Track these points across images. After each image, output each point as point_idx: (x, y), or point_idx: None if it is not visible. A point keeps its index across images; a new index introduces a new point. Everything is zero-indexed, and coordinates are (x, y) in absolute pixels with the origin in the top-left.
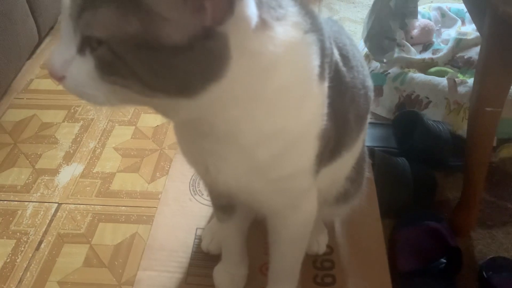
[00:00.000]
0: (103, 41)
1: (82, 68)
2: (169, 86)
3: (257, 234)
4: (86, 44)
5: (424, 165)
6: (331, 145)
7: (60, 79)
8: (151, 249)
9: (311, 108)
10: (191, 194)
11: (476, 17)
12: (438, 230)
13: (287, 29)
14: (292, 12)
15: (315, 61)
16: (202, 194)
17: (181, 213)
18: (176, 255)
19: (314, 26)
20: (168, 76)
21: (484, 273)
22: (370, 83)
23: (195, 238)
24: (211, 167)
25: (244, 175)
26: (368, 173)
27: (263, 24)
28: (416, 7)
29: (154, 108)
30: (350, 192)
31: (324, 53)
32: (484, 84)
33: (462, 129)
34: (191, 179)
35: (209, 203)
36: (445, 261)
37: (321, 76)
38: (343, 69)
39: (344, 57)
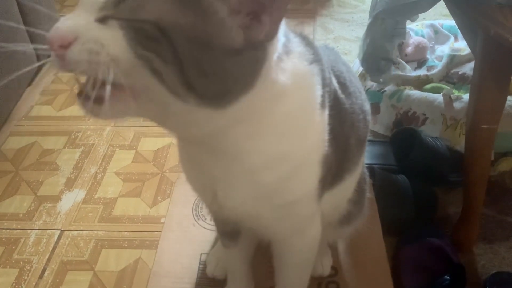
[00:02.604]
0: (152, 22)
1: (105, 33)
2: (207, 86)
3: (261, 258)
4: (112, 18)
5: (424, 181)
6: (333, 170)
7: (67, 43)
8: (157, 276)
9: (314, 135)
10: (195, 219)
11: (468, 37)
12: (441, 247)
13: (294, 62)
14: (296, 43)
15: (318, 91)
16: (205, 219)
17: (185, 238)
18: (182, 281)
19: (316, 56)
20: (210, 75)
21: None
22: (368, 107)
23: (199, 264)
24: (219, 194)
25: (251, 201)
26: (369, 193)
27: (278, 57)
28: (404, 28)
29: (166, 118)
30: (353, 213)
31: (324, 83)
32: (479, 102)
33: (460, 145)
34: (194, 203)
35: (213, 227)
36: (449, 277)
37: (322, 104)
38: (342, 96)
39: (342, 85)
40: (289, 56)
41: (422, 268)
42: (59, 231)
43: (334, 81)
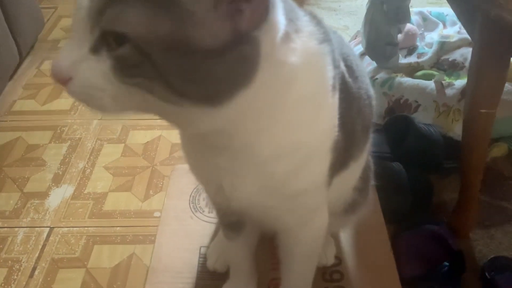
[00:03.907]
0: (129, 39)
1: (95, 68)
2: (197, 92)
3: (264, 250)
4: (103, 43)
5: (418, 168)
6: (341, 157)
7: (65, 81)
8: (155, 272)
9: (326, 120)
10: (192, 211)
11: (466, 22)
12: (438, 234)
13: (304, 40)
14: (306, 22)
15: (330, 72)
16: (203, 211)
17: (183, 232)
18: (181, 276)
19: (326, 36)
20: (197, 81)
21: (486, 273)
22: (372, 92)
23: (199, 257)
24: (226, 185)
25: (259, 192)
26: (373, 181)
27: (286, 36)
28: (408, 11)
29: (168, 117)
30: (357, 201)
31: (335, 64)
32: (477, 86)
33: (453, 131)
34: (190, 196)
35: (211, 220)
36: (447, 264)
37: (333, 87)
38: (349, 80)
39: (349, 68)
40: (299, 34)
41: (420, 256)
42: (48, 228)
43: (342, 64)
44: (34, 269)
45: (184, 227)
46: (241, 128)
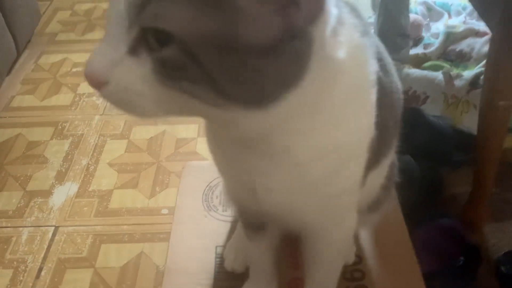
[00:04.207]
0: (173, 38)
1: (134, 71)
2: (245, 94)
3: (282, 249)
4: (142, 43)
5: (429, 162)
6: (374, 155)
7: (100, 84)
8: (171, 274)
9: (367, 118)
10: (206, 210)
11: (484, 13)
12: (452, 228)
13: (348, 33)
14: (347, 14)
15: (372, 67)
16: (217, 210)
17: (198, 231)
18: (199, 277)
19: (366, 28)
20: (246, 82)
21: (502, 268)
22: (400, 85)
23: (216, 257)
24: (259, 188)
25: (294, 194)
26: (397, 178)
27: (334, 29)
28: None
29: (209, 119)
30: (381, 199)
31: (376, 58)
32: (495, 78)
33: (462, 123)
34: (203, 194)
35: (226, 218)
36: (462, 259)
37: (374, 82)
38: (381, 73)
39: (379, 60)
40: (343, 27)
41: (435, 251)
42: (53, 228)
43: None
44: (40, 269)
45: (199, 226)
46: (282, 129)
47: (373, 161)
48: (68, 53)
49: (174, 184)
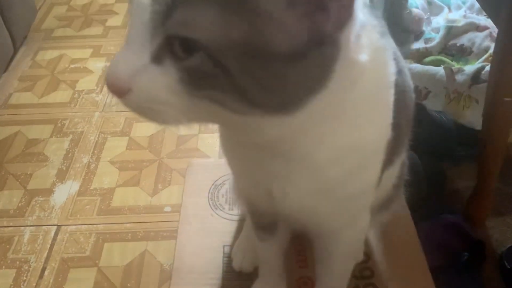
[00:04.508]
0: (200, 46)
1: (158, 80)
2: (272, 100)
3: (291, 248)
4: (166, 51)
5: (431, 157)
6: (389, 155)
7: (123, 92)
8: (179, 272)
9: (385, 119)
10: (212, 209)
11: (491, 9)
12: (456, 224)
13: (369, 35)
14: (368, 15)
15: (392, 68)
16: (223, 208)
17: (205, 230)
18: (206, 276)
19: (384, 29)
20: (273, 89)
21: (506, 262)
22: (412, 84)
23: (223, 257)
24: (276, 190)
25: (312, 197)
26: (406, 176)
27: (357, 32)
28: None
29: (231, 127)
30: (392, 198)
31: (395, 59)
32: (502, 74)
33: (464, 118)
34: (209, 192)
35: (232, 217)
36: (467, 254)
37: (393, 84)
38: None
39: (394, 60)
40: (365, 29)
41: (439, 246)
42: (55, 227)
43: None
44: (43, 269)
45: (205, 225)
46: (303, 133)
47: (387, 161)
48: (65, 49)
49: (177, 181)
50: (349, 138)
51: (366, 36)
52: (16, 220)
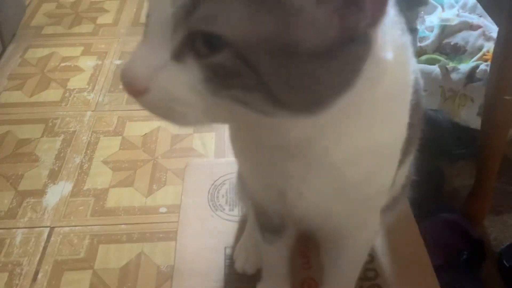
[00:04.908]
0: (226, 43)
1: (179, 78)
2: (300, 100)
3: (295, 249)
4: (188, 49)
5: (428, 155)
6: (403, 155)
7: (140, 92)
8: (180, 274)
9: (403, 118)
10: (212, 210)
11: (490, 7)
12: (456, 222)
13: (392, 32)
14: (392, 11)
15: (412, 66)
16: (224, 209)
17: (205, 231)
18: (208, 278)
19: (404, 25)
20: (302, 87)
21: (504, 261)
22: (422, 82)
23: (225, 258)
24: (291, 192)
25: (326, 198)
26: (413, 175)
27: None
28: None
29: (254, 128)
30: (398, 198)
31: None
32: (502, 72)
33: (459, 117)
34: (208, 193)
35: (233, 218)
36: (466, 252)
37: (412, 82)
38: None
39: None
40: (389, 26)
41: (439, 245)
42: (48, 228)
43: None
44: (37, 272)
45: (206, 226)
46: (323, 133)
47: (401, 161)
48: (55, 47)
49: (172, 181)
50: (369, 138)
51: (390, 34)
52: (7, 222)
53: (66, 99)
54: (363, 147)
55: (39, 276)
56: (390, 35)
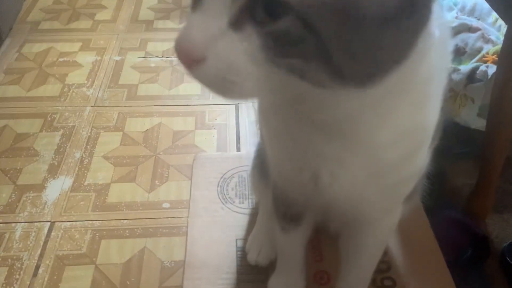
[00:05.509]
0: (290, 9)
1: (238, 47)
2: (359, 70)
3: (307, 242)
4: (247, 16)
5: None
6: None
7: (196, 61)
8: (191, 267)
9: (440, 99)
10: (222, 202)
11: (501, 8)
12: (460, 220)
13: (436, 10)
14: None
15: (451, 45)
16: (234, 202)
17: (216, 224)
18: (220, 271)
19: (442, 5)
20: (363, 56)
21: (508, 258)
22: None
23: (237, 250)
24: (325, 174)
25: (361, 182)
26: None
27: None
28: None
29: (304, 101)
30: (417, 187)
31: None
32: (509, 71)
33: (459, 116)
34: (218, 186)
35: (243, 211)
36: (470, 250)
37: (450, 62)
38: None
39: None
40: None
41: (442, 242)
42: (48, 223)
43: None
44: (37, 267)
45: (216, 218)
46: (369, 110)
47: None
48: (53, 42)
49: (174, 177)
50: (410, 118)
51: (435, 12)
52: (6, 217)
53: (65, 94)
54: (404, 128)
55: (40, 271)
56: (436, 13)
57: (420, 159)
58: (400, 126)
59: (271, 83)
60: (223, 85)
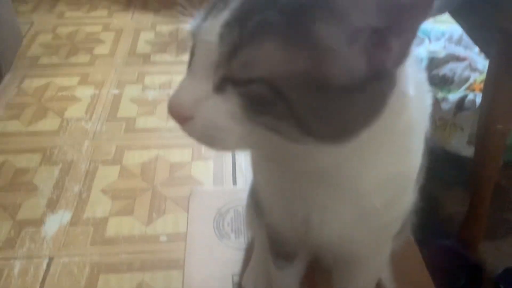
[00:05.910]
0: (263, 78)
1: (220, 107)
2: (328, 129)
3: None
4: (228, 81)
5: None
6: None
7: (185, 120)
8: None
9: (422, 145)
10: (218, 238)
11: (479, 38)
12: (453, 248)
13: (412, 67)
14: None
15: (430, 99)
16: (230, 237)
17: (212, 260)
18: None
19: (418, 57)
20: (331, 118)
21: (501, 286)
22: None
23: (233, 287)
24: (315, 219)
25: (350, 225)
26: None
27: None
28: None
29: (284, 154)
30: (406, 223)
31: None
32: (494, 102)
33: (450, 145)
34: (214, 221)
35: (239, 246)
36: (463, 278)
37: (430, 114)
38: None
39: None
40: (409, 64)
41: (435, 270)
42: (47, 259)
43: None
44: None
45: (212, 254)
46: (349, 161)
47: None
48: (52, 77)
49: (171, 210)
50: (392, 165)
51: (410, 70)
52: (5, 253)
53: (64, 128)
54: (387, 174)
55: None
56: (411, 72)
57: (406, 201)
58: (383, 174)
59: (252, 137)
60: (210, 140)
